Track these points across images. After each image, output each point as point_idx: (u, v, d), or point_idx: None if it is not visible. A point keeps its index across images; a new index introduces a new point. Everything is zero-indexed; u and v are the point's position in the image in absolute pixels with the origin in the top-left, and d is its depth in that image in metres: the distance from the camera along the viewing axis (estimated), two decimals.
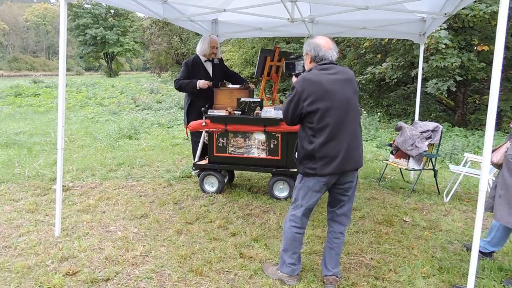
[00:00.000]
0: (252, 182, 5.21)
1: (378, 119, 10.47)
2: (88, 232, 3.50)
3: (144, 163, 6.11)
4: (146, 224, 3.70)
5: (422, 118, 12.23)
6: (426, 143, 4.81)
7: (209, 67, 4.89)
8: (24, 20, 75.10)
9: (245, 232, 3.54)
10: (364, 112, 11.35)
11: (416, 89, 12.72)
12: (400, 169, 5.37)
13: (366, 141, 8.94)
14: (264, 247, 3.28)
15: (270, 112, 4.31)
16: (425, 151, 4.74)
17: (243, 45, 17.12)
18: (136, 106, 13.83)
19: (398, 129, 5.12)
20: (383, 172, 5.35)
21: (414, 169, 4.88)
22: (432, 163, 4.88)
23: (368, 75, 11.14)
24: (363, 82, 11.78)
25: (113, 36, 44.54)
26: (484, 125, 10.16)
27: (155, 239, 3.38)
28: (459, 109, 11.57)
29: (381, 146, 8.26)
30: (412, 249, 3.30)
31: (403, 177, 5.55)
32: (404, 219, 3.98)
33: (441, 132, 4.82)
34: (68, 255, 3.06)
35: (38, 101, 15.80)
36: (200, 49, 4.84)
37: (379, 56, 11.72)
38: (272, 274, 2.82)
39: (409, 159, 4.93)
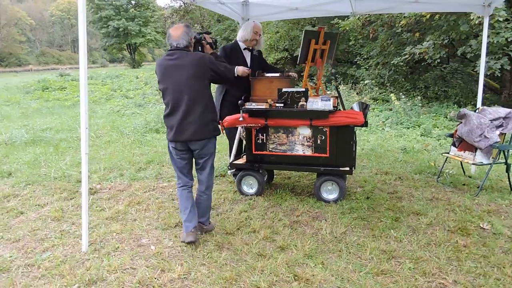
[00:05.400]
0: (293, 181, 4.70)
1: (420, 104, 9.67)
2: (118, 247, 3.10)
3: None
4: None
5: (465, 101, 11.31)
6: (497, 132, 4.14)
7: (247, 56, 4.38)
8: (50, 15, 76.38)
9: (296, 246, 3.05)
10: (402, 96, 10.54)
11: (456, 69, 11.87)
12: (460, 162, 4.72)
13: (408, 128, 8.23)
14: (321, 265, 2.78)
15: (317, 103, 3.76)
16: (496, 142, 4.08)
17: (267, 30, 16.39)
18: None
19: (461, 117, 4.45)
20: (442, 167, 4.71)
21: (482, 164, 4.23)
22: (504, 155, 4.21)
23: (407, 56, 10.28)
24: (401, 63, 10.93)
25: (135, 27, 44.46)
26: None
27: (194, 255, 2.94)
28: (506, 89, 10.59)
29: (426, 134, 7.55)
30: (504, 267, 2.71)
31: (463, 171, 4.89)
32: (481, 225, 3.38)
33: None
34: (97, 277, 2.66)
35: (65, 94, 15.75)
36: (242, 34, 4.33)
37: (417, 34, 10.80)
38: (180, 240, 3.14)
39: (475, 151, 4.27)
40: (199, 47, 3.27)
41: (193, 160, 3.23)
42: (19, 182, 4.81)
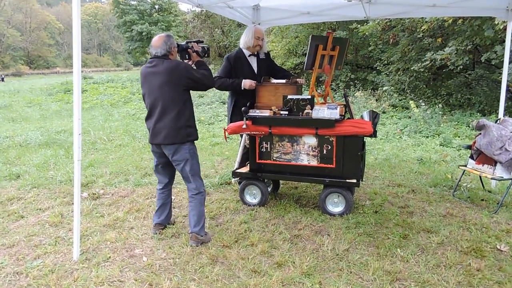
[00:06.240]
0: (299, 191, 4.52)
1: (440, 112, 9.28)
2: (109, 257, 3.00)
3: None
4: (177, 247, 3.15)
5: (490, 109, 10.79)
6: None
7: (253, 62, 4.25)
8: None
9: (294, 262, 2.88)
10: (422, 103, 10.17)
11: (481, 76, 11.36)
12: (479, 175, 4.42)
13: (427, 137, 7.89)
14: (317, 285, 2.60)
15: (323, 111, 3.58)
16: None
17: (286, 34, 16.25)
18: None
19: (480, 127, 4.17)
20: (459, 180, 4.43)
21: (502, 178, 3.94)
22: None
23: (427, 62, 9.91)
24: (422, 70, 10.55)
25: (158, 31, 45.01)
26: None
27: (185, 269, 2.81)
28: None
29: (446, 144, 7.21)
30: None
31: (483, 185, 4.58)
32: (498, 247, 3.11)
33: None
34: None
35: (85, 97, 16.03)
36: (244, 41, 4.21)
37: (439, 40, 10.41)
38: None
39: (495, 165, 3.99)
40: (186, 55, 3.29)
41: (170, 165, 3.38)
42: (26, 184, 4.83)
